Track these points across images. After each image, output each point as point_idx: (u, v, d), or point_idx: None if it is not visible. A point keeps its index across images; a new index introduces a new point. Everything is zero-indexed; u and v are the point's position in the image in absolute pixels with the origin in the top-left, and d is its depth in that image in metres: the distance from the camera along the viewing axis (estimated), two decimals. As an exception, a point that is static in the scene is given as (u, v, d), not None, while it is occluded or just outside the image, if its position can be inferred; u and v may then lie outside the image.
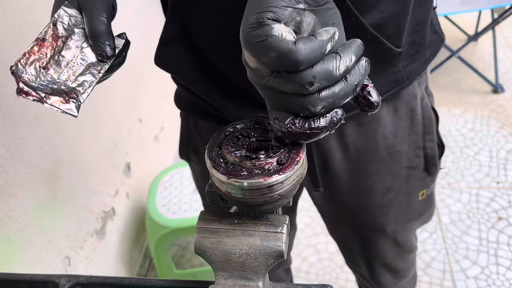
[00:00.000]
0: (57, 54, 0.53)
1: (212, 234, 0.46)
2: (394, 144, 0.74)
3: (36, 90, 0.51)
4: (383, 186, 0.78)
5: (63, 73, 0.52)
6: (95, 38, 0.52)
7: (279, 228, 0.45)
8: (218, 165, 0.41)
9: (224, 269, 0.46)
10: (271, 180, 0.40)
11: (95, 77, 0.53)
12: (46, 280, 0.58)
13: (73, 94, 0.52)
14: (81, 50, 0.53)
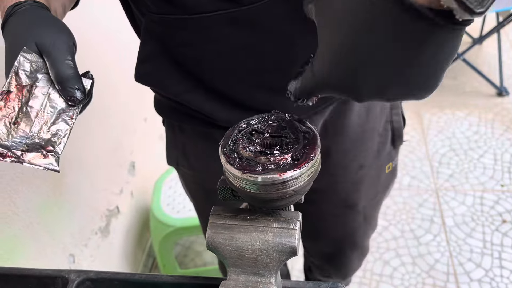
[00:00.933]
0: (25, 106, 0.50)
1: (224, 230, 0.46)
2: (368, 121, 0.77)
3: (11, 149, 0.48)
4: (357, 163, 0.81)
5: (34, 125, 0.49)
6: (63, 83, 0.49)
7: (292, 224, 0.45)
8: (232, 160, 0.41)
9: (237, 265, 0.45)
10: (286, 176, 0.39)
11: (69, 124, 0.50)
12: (55, 275, 0.58)
13: (49, 146, 0.49)
14: (49, 97, 0.50)
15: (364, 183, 0.85)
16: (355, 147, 0.80)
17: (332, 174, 0.82)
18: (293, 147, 0.42)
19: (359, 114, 0.76)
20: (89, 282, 0.58)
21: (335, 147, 0.79)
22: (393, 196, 1.93)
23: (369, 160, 0.83)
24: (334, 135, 0.77)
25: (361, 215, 0.91)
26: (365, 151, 0.81)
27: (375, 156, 0.83)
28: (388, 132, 0.82)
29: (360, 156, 0.81)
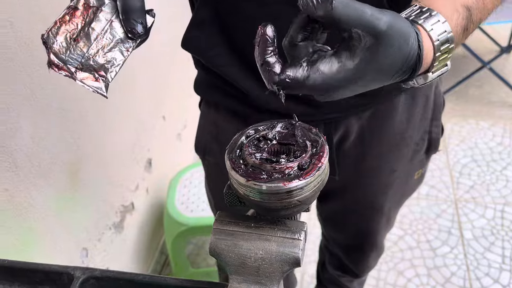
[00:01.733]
0: (87, 26, 0.50)
1: (228, 236, 0.45)
2: (407, 129, 0.77)
3: (67, 64, 0.49)
4: (390, 168, 0.81)
5: (92, 47, 0.50)
6: (127, 14, 0.48)
7: (297, 234, 0.44)
8: (237, 166, 0.41)
9: (239, 273, 0.45)
10: (291, 185, 0.39)
11: (124, 55, 0.51)
12: (62, 271, 0.58)
13: (102, 71, 0.50)
14: (111, 24, 0.50)
15: (393, 187, 0.85)
16: (390, 153, 0.79)
17: (364, 177, 0.82)
18: (300, 156, 0.41)
19: (400, 122, 0.76)
20: (93, 280, 0.58)
21: (371, 151, 0.78)
22: (410, 205, 1.89)
23: (401, 166, 0.82)
24: (371, 139, 0.76)
25: (385, 217, 0.91)
26: (399, 157, 0.80)
27: (407, 162, 0.82)
28: (424, 142, 0.81)
29: (393, 162, 0.81)
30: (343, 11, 0.37)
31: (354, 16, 0.37)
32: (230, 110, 0.77)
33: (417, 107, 0.76)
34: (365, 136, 0.75)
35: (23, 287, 0.61)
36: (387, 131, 0.76)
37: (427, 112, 0.78)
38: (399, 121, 0.75)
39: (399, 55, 0.40)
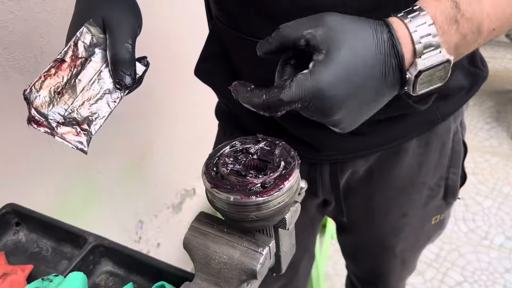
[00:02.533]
0: (74, 78, 0.50)
1: (200, 235, 0.48)
2: (419, 175, 0.75)
3: (48, 118, 0.48)
4: (400, 212, 0.79)
5: (77, 99, 0.49)
6: (116, 65, 0.48)
7: (260, 248, 0.46)
8: (209, 172, 0.44)
9: (203, 271, 0.48)
10: (247, 200, 0.41)
11: (110, 106, 0.50)
12: (80, 234, 0.66)
13: (85, 124, 0.49)
14: (99, 74, 0.50)
15: (405, 231, 0.82)
16: (399, 196, 0.77)
17: (373, 216, 0.81)
18: (268, 173, 0.43)
19: (411, 166, 0.74)
20: (102, 248, 0.65)
21: (379, 192, 0.77)
22: (478, 253, 1.75)
23: (413, 210, 0.79)
24: (378, 181, 0.76)
25: (398, 259, 0.88)
26: (411, 201, 0.78)
27: (420, 207, 0.79)
28: (440, 188, 0.78)
29: (403, 206, 0.79)
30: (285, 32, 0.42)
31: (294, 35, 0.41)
32: None
33: (431, 153, 0.73)
34: (373, 177, 0.74)
35: (50, 240, 0.70)
36: (395, 174, 0.74)
37: (444, 158, 0.75)
38: (409, 166, 0.73)
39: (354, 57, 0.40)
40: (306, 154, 0.71)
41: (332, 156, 0.71)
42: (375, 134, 0.67)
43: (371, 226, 0.83)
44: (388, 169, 0.74)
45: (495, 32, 0.44)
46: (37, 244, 0.70)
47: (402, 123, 0.67)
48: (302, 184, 0.59)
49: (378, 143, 0.69)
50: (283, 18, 0.54)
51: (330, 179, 0.76)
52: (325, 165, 0.74)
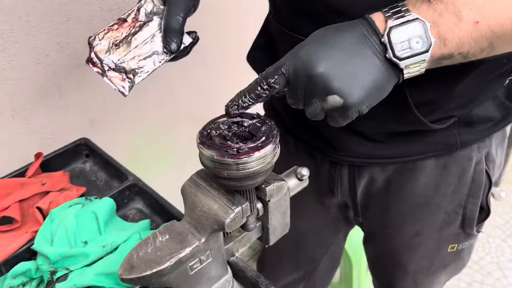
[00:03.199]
0: (131, 36, 0.59)
1: (194, 186, 0.58)
2: (434, 196, 0.75)
3: (102, 63, 0.58)
4: (413, 229, 0.80)
5: (129, 53, 0.58)
6: (166, 32, 0.58)
7: (234, 206, 0.54)
8: (202, 132, 0.53)
9: (188, 215, 0.57)
10: (220, 159, 0.49)
11: (155, 65, 0.59)
12: (125, 172, 0.80)
13: (131, 74, 0.58)
14: (152, 38, 0.59)
15: (419, 250, 0.83)
16: (413, 214, 0.79)
17: (388, 228, 0.83)
18: (248, 143, 0.50)
19: (426, 186, 0.75)
20: (137, 188, 0.78)
21: (394, 205, 0.79)
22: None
23: (427, 232, 0.80)
24: (394, 194, 0.78)
25: (411, 278, 0.88)
26: (425, 221, 0.79)
27: (436, 229, 0.80)
28: (458, 216, 0.77)
29: (418, 224, 0.80)
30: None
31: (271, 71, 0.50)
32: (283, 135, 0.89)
33: (449, 177, 0.73)
34: (390, 189, 0.76)
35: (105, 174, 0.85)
36: (410, 190, 0.75)
37: (463, 186, 0.74)
38: (425, 185, 0.74)
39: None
40: (328, 152, 0.76)
41: (350, 158, 0.75)
42: (391, 145, 0.70)
43: (386, 237, 0.85)
44: (404, 184, 0.76)
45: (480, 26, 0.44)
46: (95, 175, 0.86)
47: (419, 140, 0.69)
48: (303, 172, 0.65)
49: (394, 155, 0.71)
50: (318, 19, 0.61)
51: (348, 181, 0.80)
52: (345, 166, 0.78)
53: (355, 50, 0.46)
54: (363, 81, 0.47)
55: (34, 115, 1.00)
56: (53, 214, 0.70)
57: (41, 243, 0.65)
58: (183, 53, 0.63)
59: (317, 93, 0.48)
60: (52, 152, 0.85)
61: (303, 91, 0.49)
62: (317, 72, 0.46)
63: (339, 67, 0.46)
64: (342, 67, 0.46)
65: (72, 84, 1.04)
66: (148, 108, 1.26)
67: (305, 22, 0.64)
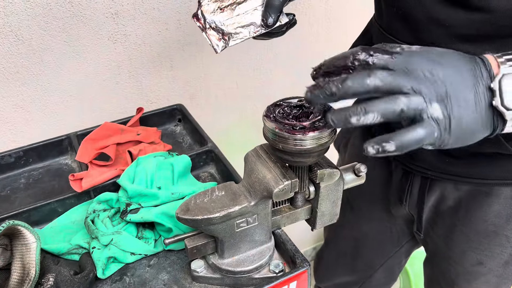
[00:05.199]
0: (236, 4, 0.65)
1: (255, 155, 0.64)
2: (505, 228, 0.72)
3: (206, 21, 0.64)
4: (476, 258, 0.78)
5: (231, 18, 0.64)
6: (267, 6, 0.62)
7: (284, 179, 0.59)
8: (269, 107, 0.59)
9: (245, 179, 0.64)
10: (278, 132, 0.55)
11: (250, 34, 0.64)
12: (206, 138, 0.90)
13: (227, 36, 0.64)
14: (254, 10, 0.64)
15: (477, 282, 0.80)
16: (480, 242, 0.76)
17: (450, 251, 0.82)
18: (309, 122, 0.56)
19: (498, 214, 0.73)
20: (213, 154, 0.87)
21: (461, 228, 0.77)
22: None
23: (491, 263, 0.77)
24: (464, 216, 0.76)
25: None
26: (490, 252, 0.76)
27: (501, 264, 0.76)
28: None
29: (481, 253, 0.77)
30: None
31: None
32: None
33: None
34: (460, 210, 0.74)
35: (191, 139, 0.96)
36: (480, 215, 0.72)
37: None
38: (497, 213, 0.71)
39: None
40: (403, 160, 0.78)
41: (423, 169, 0.75)
42: (468, 164, 0.69)
43: (447, 261, 0.83)
44: (475, 208, 0.74)
45: None
46: (183, 138, 0.97)
47: (498, 164, 0.67)
48: (362, 168, 0.69)
49: (469, 174, 0.70)
50: (414, 26, 0.64)
51: (418, 193, 0.80)
52: (417, 177, 0.79)
53: (465, 85, 0.43)
54: (464, 110, 0.43)
55: (146, 79, 1.15)
56: (140, 160, 0.81)
57: (124, 179, 0.76)
58: (278, 32, 0.67)
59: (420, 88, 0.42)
60: (151, 110, 0.98)
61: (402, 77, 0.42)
62: (437, 71, 0.42)
63: (454, 87, 0.43)
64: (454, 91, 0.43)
65: (182, 58, 1.18)
66: (244, 95, 1.36)
67: (402, 28, 0.67)
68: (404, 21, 0.66)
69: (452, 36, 0.60)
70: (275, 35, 0.68)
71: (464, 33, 0.58)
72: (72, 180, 0.76)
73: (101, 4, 1.00)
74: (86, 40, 1.03)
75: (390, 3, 0.68)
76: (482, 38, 0.57)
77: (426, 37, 0.62)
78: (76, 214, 0.77)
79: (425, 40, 0.63)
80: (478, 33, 0.57)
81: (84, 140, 0.85)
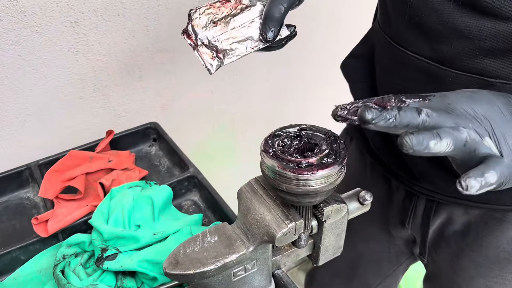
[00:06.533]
0: (231, 17, 0.58)
1: (251, 191, 0.56)
2: None
3: (197, 37, 0.57)
4: (486, 284, 0.73)
5: (226, 33, 0.57)
6: (265, 19, 0.55)
7: (288, 221, 0.52)
8: (267, 139, 0.51)
9: (241, 220, 0.56)
10: (281, 171, 0.47)
11: (247, 50, 0.57)
12: (187, 163, 0.81)
13: (221, 54, 0.56)
14: (251, 23, 0.57)
15: None
16: (490, 269, 0.72)
17: (457, 275, 0.77)
18: (310, 156, 0.48)
19: (511, 241, 0.68)
20: (196, 180, 0.78)
21: (470, 254, 0.73)
22: None
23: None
24: (473, 242, 0.71)
25: None
26: (501, 278, 0.72)
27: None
28: None
29: (492, 280, 0.73)
30: None
31: None
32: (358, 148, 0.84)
33: None
34: (469, 235, 0.70)
35: (169, 161, 0.87)
36: (492, 242, 0.68)
37: None
38: (510, 240, 0.66)
39: None
40: (407, 180, 0.71)
41: (430, 192, 0.69)
42: None
43: (452, 285, 0.78)
44: (486, 234, 0.69)
45: None
46: (159, 160, 0.88)
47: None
48: (367, 196, 0.62)
49: (480, 199, 0.65)
50: (431, 36, 0.56)
51: (422, 215, 0.74)
52: (422, 199, 0.73)
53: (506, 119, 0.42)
54: None
55: (113, 92, 1.04)
56: (114, 192, 0.72)
57: (97, 219, 0.67)
58: (278, 45, 0.60)
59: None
60: (122, 131, 0.88)
61: None
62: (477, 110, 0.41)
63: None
64: None
65: (152, 67, 1.07)
66: (220, 102, 1.27)
67: (416, 38, 0.59)
68: (419, 31, 0.58)
69: (476, 50, 0.53)
70: (274, 48, 0.60)
71: (490, 46, 0.51)
72: (36, 224, 0.66)
73: (58, 12, 0.89)
74: (43, 53, 0.92)
75: (400, 10, 0.60)
76: (510, 53, 0.51)
77: (446, 50, 0.55)
78: (42, 260, 0.67)
79: (444, 53, 0.56)
80: (506, 47, 0.51)
81: (47, 173, 0.75)
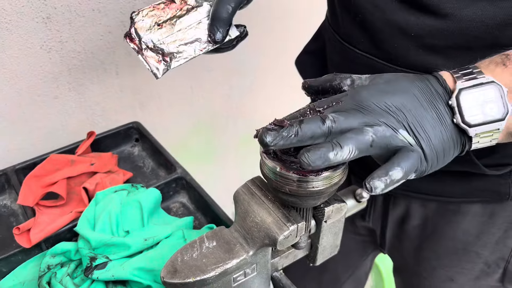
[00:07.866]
0: (176, 18, 0.55)
1: (248, 193, 0.55)
2: (474, 244, 0.70)
3: (141, 40, 0.53)
4: (446, 275, 0.75)
5: (171, 36, 0.54)
6: (213, 20, 0.53)
7: (289, 223, 0.50)
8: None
9: (239, 223, 0.54)
10: (284, 173, 0.45)
11: (195, 52, 0.54)
12: (174, 164, 0.78)
13: (168, 57, 0.53)
14: (198, 24, 0.54)
15: None
16: (449, 259, 0.74)
17: (419, 267, 0.78)
18: None
19: (467, 232, 0.70)
20: (184, 181, 0.76)
21: (430, 246, 0.74)
22: None
23: (461, 279, 0.75)
24: (432, 234, 0.73)
25: None
26: (461, 268, 0.74)
27: (472, 279, 0.74)
28: (499, 269, 0.72)
29: (451, 270, 0.74)
30: None
31: None
32: None
33: (494, 227, 0.67)
34: (427, 228, 0.72)
35: (153, 162, 0.84)
36: (449, 233, 0.70)
37: (509, 239, 0.68)
38: (466, 231, 0.68)
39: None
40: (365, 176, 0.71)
41: None
42: (436, 181, 0.64)
43: (418, 277, 0.80)
44: (443, 226, 0.71)
45: None
46: (143, 161, 0.85)
47: (467, 182, 0.63)
48: (364, 194, 0.61)
49: (436, 192, 0.66)
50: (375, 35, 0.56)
51: (381, 209, 0.76)
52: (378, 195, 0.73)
53: (423, 106, 0.42)
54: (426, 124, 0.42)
55: (89, 90, 1.00)
56: (99, 197, 0.69)
57: (83, 226, 0.64)
58: (228, 46, 0.58)
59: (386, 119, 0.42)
60: (103, 132, 0.84)
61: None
62: (393, 101, 0.42)
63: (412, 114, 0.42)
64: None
65: (129, 64, 1.03)
66: (199, 98, 1.24)
67: (361, 36, 0.59)
68: (363, 29, 0.58)
69: (418, 47, 0.53)
70: (224, 50, 0.58)
71: (432, 43, 0.52)
72: (17, 234, 0.62)
73: (29, 8, 0.84)
74: (13, 51, 0.86)
75: (346, 7, 0.60)
76: (452, 50, 0.51)
77: (389, 48, 0.55)
78: (25, 272, 0.64)
79: (388, 51, 0.56)
80: (448, 44, 0.51)
81: (26, 178, 0.71)
